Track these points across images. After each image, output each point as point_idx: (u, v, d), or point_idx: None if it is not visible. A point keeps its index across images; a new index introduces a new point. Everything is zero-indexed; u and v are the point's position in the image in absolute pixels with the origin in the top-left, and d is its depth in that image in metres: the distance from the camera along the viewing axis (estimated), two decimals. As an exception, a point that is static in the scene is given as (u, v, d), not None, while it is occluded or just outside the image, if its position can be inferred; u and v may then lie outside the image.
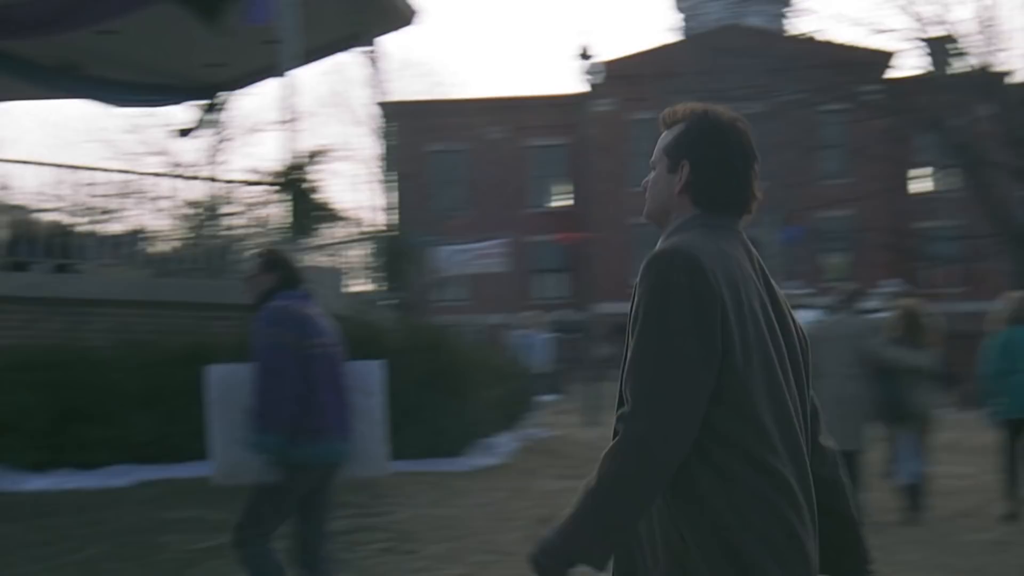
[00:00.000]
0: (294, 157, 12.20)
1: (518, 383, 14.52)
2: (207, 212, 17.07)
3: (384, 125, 16.99)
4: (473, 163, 43.86)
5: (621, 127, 41.67)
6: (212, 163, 24.70)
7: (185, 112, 15.73)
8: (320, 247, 14.34)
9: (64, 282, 11.29)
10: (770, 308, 2.53)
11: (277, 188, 12.42)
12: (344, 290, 15.22)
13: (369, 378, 5.88)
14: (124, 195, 16.47)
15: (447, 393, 11.62)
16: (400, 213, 16.38)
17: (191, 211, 19.22)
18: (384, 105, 17.07)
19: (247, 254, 15.77)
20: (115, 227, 16.36)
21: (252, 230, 16.27)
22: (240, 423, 5.06)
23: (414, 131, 36.01)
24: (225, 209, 15.81)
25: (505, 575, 6.90)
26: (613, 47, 79.66)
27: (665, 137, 2.67)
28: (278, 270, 5.32)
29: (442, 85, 57.60)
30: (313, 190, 11.98)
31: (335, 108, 38.81)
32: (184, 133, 15.61)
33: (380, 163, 19.25)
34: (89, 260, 12.66)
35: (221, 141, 20.98)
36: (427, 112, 40.40)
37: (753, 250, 2.62)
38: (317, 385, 5.07)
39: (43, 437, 9.79)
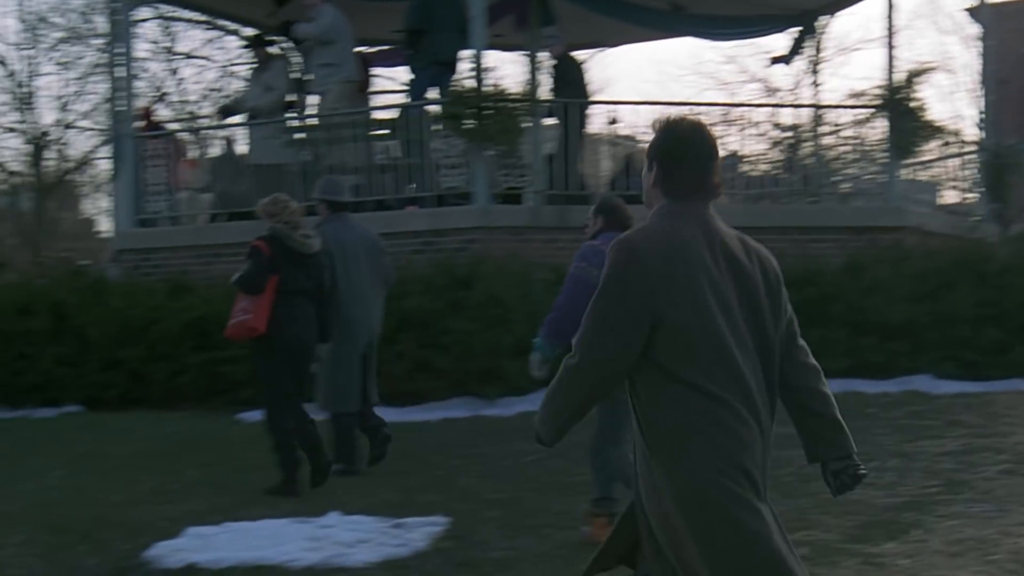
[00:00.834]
0: (895, 75, 11.84)
1: None
2: (802, 135, 17.01)
3: (980, 30, 15.94)
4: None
5: None
6: (806, 87, 24.51)
7: (781, 39, 15.75)
8: (918, 163, 13.85)
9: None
10: (723, 272, 3.09)
11: (876, 108, 12.13)
12: (939, 204, 14.61)
13: None
14: (723, 124, 16.79)
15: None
16: (999, 121, 15.33)
17: (786, 135, 19.24)
18: (978, 9, 16.05)
19: (843, 175, 15.58)
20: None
21: (848, 151, 16.02)
22: None
23: (1013, 33, 33.48)
24: (820, 131, 15.69)
25: None
26: None
27: (647, 143, 3.29)
28: (604, 214, 6.03)
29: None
30: (917, 108, 11.57)
31: (928, 18, 36.99)
32: (779, 60, 15.61)
33: (975, 71, 18.16)
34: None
35: (815, 64, 20.72)
36: (1024, 12, 37.32)
37: (716, 229, 3.14)
38: None
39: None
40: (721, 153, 3.31)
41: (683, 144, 3.19)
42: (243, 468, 8.04)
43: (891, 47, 12.43)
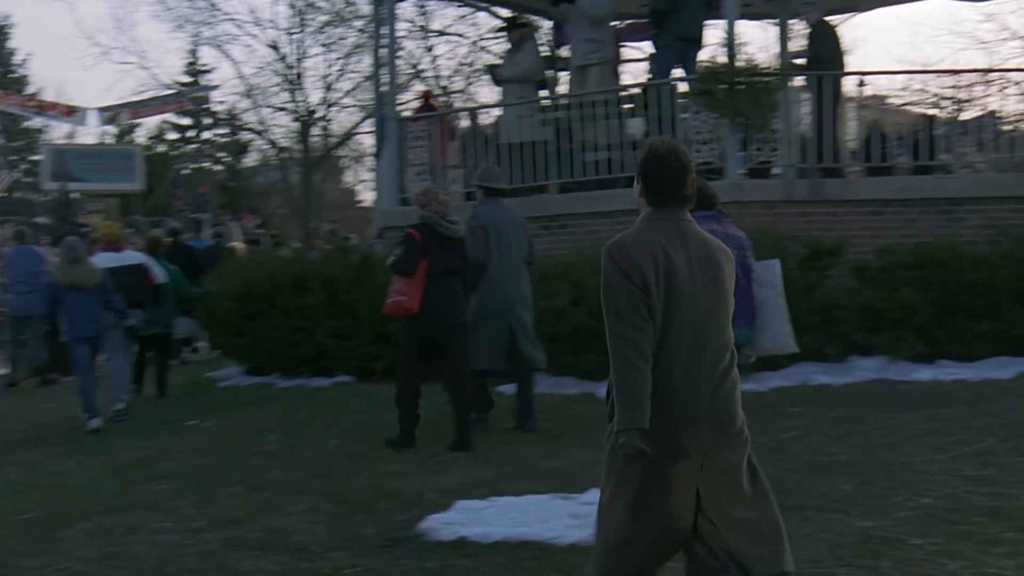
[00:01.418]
0: None
1: None
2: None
3: None
4: None
5: None
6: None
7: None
8: None
9: (934, 182, 11.25)
10: (691, 268, 3.78)
11: None
12: None
13: (770, 274, 6.60)
14: (980, 84, 15.94)
15: None
16: None
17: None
18: None
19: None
20: (973, 117, 15.95)
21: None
22: None
23: None
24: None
25: None
26: None
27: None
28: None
29: None
30: None
31: None
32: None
33: None
34: (952, 154, 12.50)
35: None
36: None
37: (690, 232, 3.86)
38: None
39: (924, 330, 9.94)
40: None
41: (660, 163, 3.89)
42: (504, 441, 8.20)
43: None
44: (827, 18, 12.45)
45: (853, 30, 38.33)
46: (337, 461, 8.00)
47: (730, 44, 10.49)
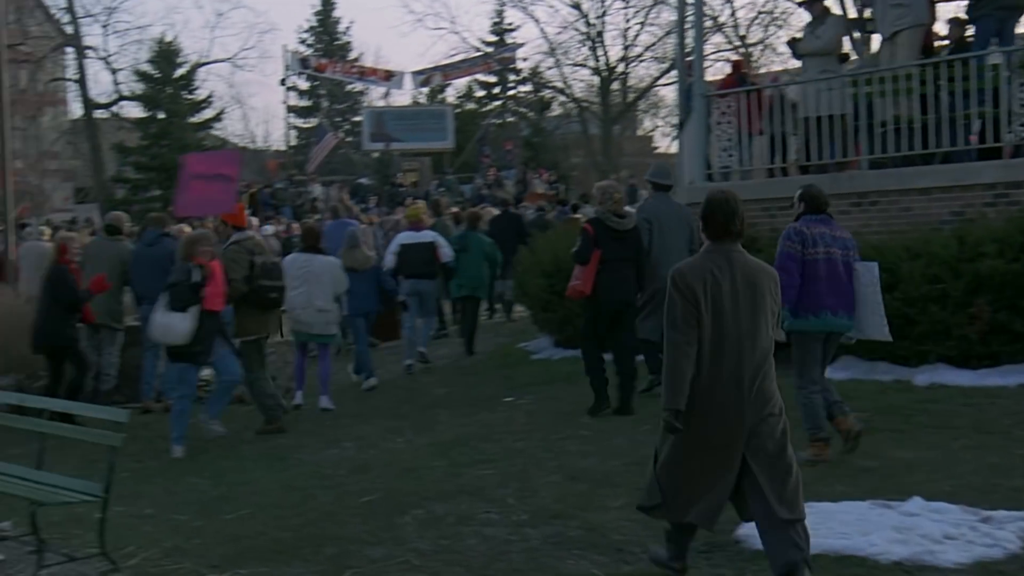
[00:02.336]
0: None
1: None
2: None
3: None
4: None
5: None
6: None
7: None
8: None
9: None
10: (735, 289, 4.97)
11: None
12: None
13: (870, 274, 7.21)
14: None
15: None
16: None
17: None
18: None
19: None
20: None
21: None
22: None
23: None
24: None
25: None
26: None
27: None
28: (804, 201, 7.25)
29: None
30: None
31: None
32: None
33: None
34: None
35: None
36: None
37: (737, 260, 5.04)
38: (816, 279, 7.02)
39: None
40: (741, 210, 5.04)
41: (714, 208, 5.06)
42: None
43: None
44: None
45: None
46: (649, 450, 7.94)
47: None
